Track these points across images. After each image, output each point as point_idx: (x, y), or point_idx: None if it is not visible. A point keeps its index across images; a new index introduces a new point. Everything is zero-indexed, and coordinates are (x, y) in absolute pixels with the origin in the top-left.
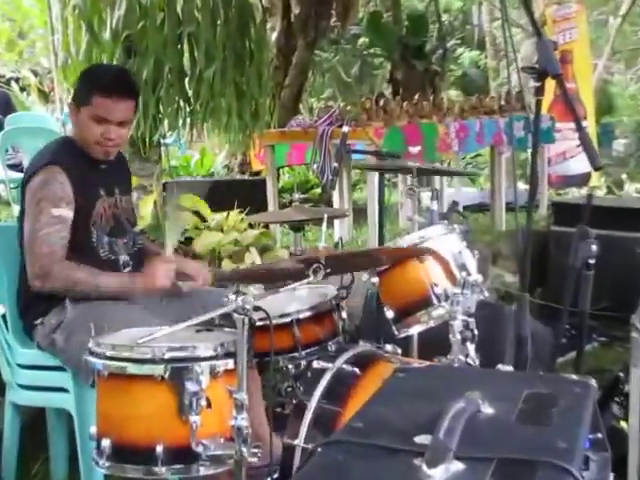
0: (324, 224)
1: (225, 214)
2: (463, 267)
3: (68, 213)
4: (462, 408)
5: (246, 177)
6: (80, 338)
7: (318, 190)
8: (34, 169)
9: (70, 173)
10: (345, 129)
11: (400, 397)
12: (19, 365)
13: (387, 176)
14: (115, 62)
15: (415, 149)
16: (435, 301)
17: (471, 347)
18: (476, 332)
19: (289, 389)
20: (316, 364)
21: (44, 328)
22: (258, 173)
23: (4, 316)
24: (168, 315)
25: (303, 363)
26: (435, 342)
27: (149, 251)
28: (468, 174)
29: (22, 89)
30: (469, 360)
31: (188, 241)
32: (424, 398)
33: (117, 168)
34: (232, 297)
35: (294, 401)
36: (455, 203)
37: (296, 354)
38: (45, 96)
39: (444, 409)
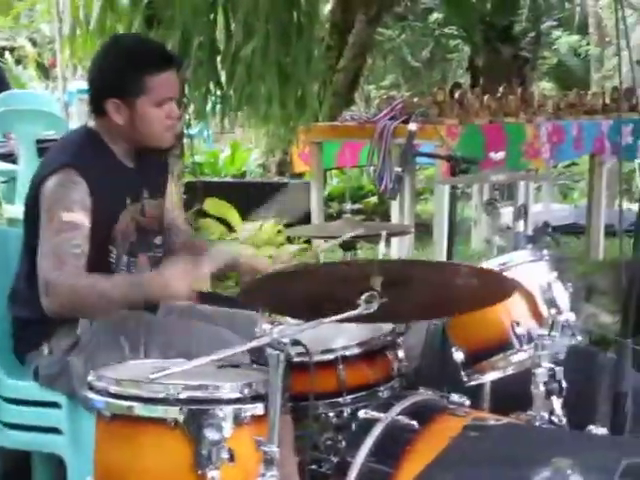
0: (382, 243)
1: (258, 224)
2: (552, 303)
3: (83, 219)
4: (547, 478)
5: (286, 180)
6: (108, 358)
7: (374, 199)
8: (48, 170)
9: (91, 179)
10: (412, 126)
11: (470, 461)
12: (4, 399)
13: (460, 186)
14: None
15: (497, 155)
16: (516, 344)
17: (557, 402)
18: (564, 384)
19: (329, 442)
20: (364, 413)
21: (51, 355)
22: (301, 175)
23: None
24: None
25: (348, 411)
26: (512, 394)
27: (193, 248)
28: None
29: (17, 61)
30: (554, 418)
31: None
32: (500, 464)
33: (149, 164)
34: (266, 328)
35: (334, 458)
36: (546, 224)
37: (339, 399)
38: (45, 71)
39: (525, 478)
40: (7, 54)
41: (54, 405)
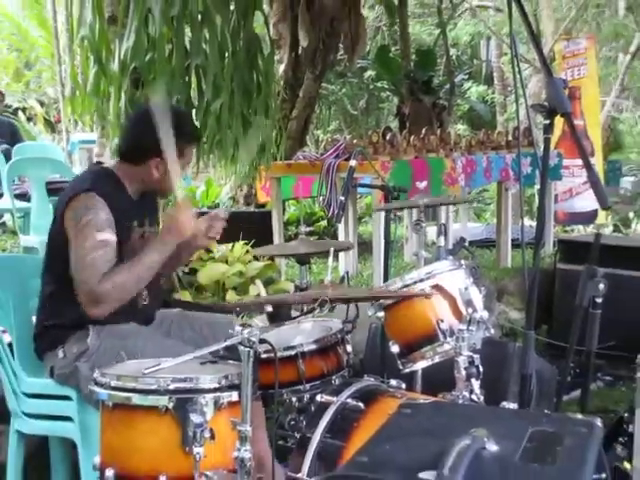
0: (330, 257)
1: (230, 246)
2: (469, 303)
3: (112, 237)
4: (467, 445)
5: (252, 209)
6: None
7: (324, 223)
8: (74, 192)
9: (109, 202)
10: (352, 163)
11: (405, 433)
12: (25, 394)
13: (393, 210)
14: (123, 94)
15: (422, 184)
16: (441, 337)
17: (476, 384)
18: (481, 369)
19: (293, 422)
20: (320, 398)
21: (65, 358)
22: (264, 205)
23: (10, 345)
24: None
25: (307, 396)
26: (440, 378)
27: None
28: (471, 201)
29: (29, 119)
30: (474, 397)
31: (192, 272)
32: (429, 434)
33: (149, 199)
34: (238, 329)
35: (297, 434)
36: (462, 239)
37: (300, 387)
38: (51, 126)
39: (449, 446)
40: (20, 113)
41: (66, 398)
